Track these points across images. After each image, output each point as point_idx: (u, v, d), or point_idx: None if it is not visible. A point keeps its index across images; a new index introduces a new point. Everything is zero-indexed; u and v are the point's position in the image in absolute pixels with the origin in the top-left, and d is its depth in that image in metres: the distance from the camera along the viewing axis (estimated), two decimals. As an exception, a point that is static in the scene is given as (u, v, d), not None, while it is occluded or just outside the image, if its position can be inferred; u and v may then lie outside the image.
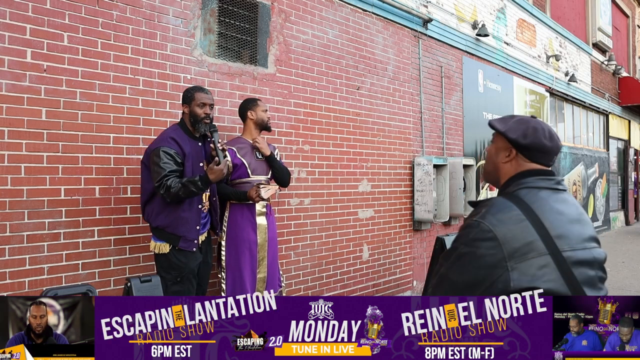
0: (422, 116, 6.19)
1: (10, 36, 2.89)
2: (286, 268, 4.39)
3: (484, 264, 1.36)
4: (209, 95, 3.15)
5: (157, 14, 3.56)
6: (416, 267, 6.04)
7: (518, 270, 1.34)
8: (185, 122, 3.15)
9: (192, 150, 3.10)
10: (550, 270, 1.35)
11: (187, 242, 3.06)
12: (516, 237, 1.36)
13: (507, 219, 1.38)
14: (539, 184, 1.48)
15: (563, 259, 1.37)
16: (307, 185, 4.66)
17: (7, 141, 2.88)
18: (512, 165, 1.53)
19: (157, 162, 2.92)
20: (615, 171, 14.45)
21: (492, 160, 1.59)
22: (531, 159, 1.51)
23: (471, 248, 1.39)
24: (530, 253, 1.35)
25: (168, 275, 3.04)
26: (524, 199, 1.43)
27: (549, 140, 1.50)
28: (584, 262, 1.41)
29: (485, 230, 1.38)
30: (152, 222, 3.07)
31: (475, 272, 1.38)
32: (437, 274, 1.49)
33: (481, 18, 7.48)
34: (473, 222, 1.42)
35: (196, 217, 3.12)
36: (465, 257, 1.40)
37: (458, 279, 1.41)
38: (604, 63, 13.15)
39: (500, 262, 1.35)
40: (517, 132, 1.51)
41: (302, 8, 4.65)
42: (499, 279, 1.35)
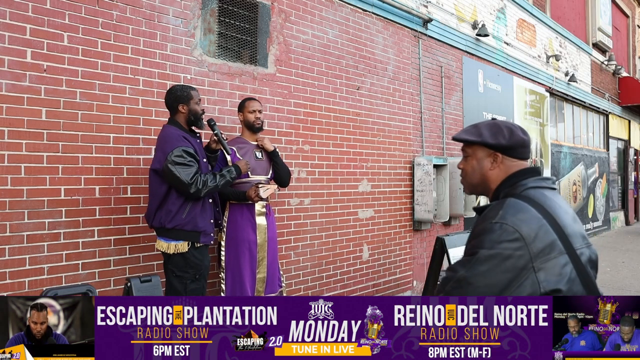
0: (422, 116, 6.19)
1: (10, 36, 2.89)
2: (286, 268, 4.39)
3: (512, 266, 1.32)
4: (198, 91, 3.25)
5: (157, 14, 3.56)
6: (416, 267, 6.04)
7: (544, 271, 1.32)
8: (180, 121, 3.10)
9: (198, 149, 3.12)
10: (570, 270, 1.35)
11: (206, 236, 3.11)
12: (539, 237, 1.34)
13: (528, 218, 1.36)
14: (540, 183, 1.48)
15: (578, 257, 1.37)
16: (307, 185, 4.66)
17: (7, 141, 2.88)
18: (501, 169, 1.52)
19: (182, 162, 2.89)
20: (615, 171, 14.45)
21: (476, 172, 1.56)
22: (516, 156, 1.52)
23: (496, 250, 1.34)
24: (553, 252, 1.34)
25: (186, 274, 3.03)
26: (534, 199, 1.42)
27: (523, 134, 1.53)
28: (590, 260, 1.43)
29: (509, 231, 1.34)
30: (167, 225, 3.00)
31: (502, 275, 1.33)
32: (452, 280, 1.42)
33: (481, 18, 7.48)
34: (493, 224, 1.37)
35: (210, 211, 3.17)
36: (490, 260, 1.34)
37: (481, 282, 1.36)
38: (604, 63, 13.15)
39: (528, 263, 1.32)
40: (497, 137, 1.51)
41: (302, 8, 4.65)
42: (526, 281, 1.33)
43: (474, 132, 1.55)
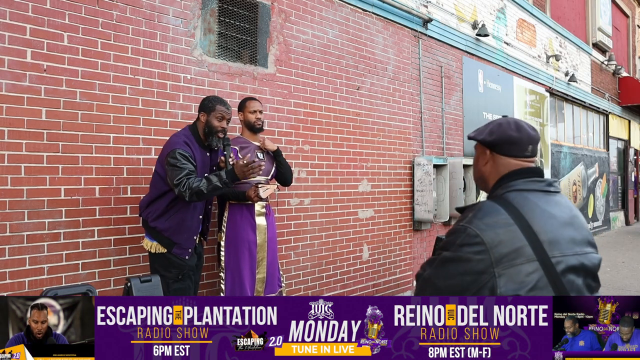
0: (422, 116, 6.19)
1: (10, 36, 2.89)
2: (286, 268, 4.39)
3: (471, 270, 1.33)
4: (229, 110, 3.14)
5: (157, 14, 3.56)
6: (416, 267, 6.04)
7: (506, 277, 1.31)
8: (199, 129, 3.12)
9: (201, 159, 3.09)
10: (539, 277, 1.32)
11: (181, 249, 3.08)
12: (504, 242, 1.32)
13: (495, 223, 1.34)
14: (529, 186, 1.44)
15: (552, 265, 1.33)
16: (307, 185, 4.66)
17: (7, 141, 2.88)
18: (493, 166, 1.52)
19: (174, 163, 2.89)
20: (615, 171, 14.45)
21: (475, 168, 1.61)
22: (503, 153, 1.50)
23: (457, 253, 1.35)
24: (519, 259, 1.31)
25: (169, 274, 3.04)
26: (512, 202, 1.39)
27: (515, 131, 1.49)
28: (573, 268, 1.37)
29: (472, 235, 1.34)
30: (150, 222, 3.06)
31: (461, 278, 1.34)
32: (420, 278, 1.45)
33: (481, 18, 7.48)
34: (460, 227, 1.39)
35: (196, 227, 3.14)
36: (451, 263, 1.36)
37: (442, 284, 1.38)
38: (604, 63, 13.15)
39: (488, 268, 1.31)
40: (484, 133, 1.53)
41: (302, 8, 4.65)
42: (486, 285, 1.32)
43: (477, 130, 1.58)
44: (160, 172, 3.02)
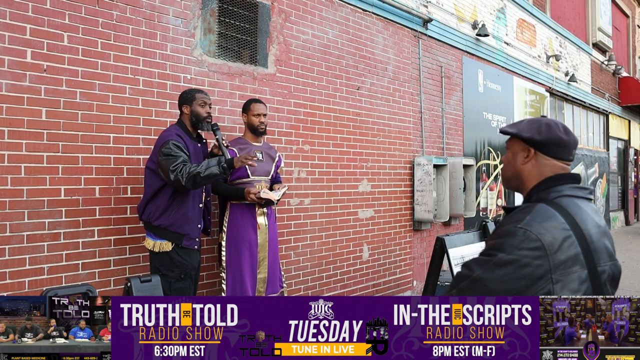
0: (422, 116, 6.19)
1: (10, 36, 2.89)
2: (286, 268, 4.39)
3: (528, 274, 1.29)
4: (207, 95, 3.23)
5: (157, 14, 3.56)
6: (416, 267, 6.04)
7: (562, 283, 1.29)
8: (185, 122, 3.17)
9: (194, 150, 3.13)
10: (588, 286, 1.31)
11: (190, 240, 3.10)
12: (563, 249, 1.29)
13: (553, 227, 1.31)
14: (577, 192, 1.41)
15: (598, 274, 1.32)
16: (307, 185, 4.66)
17: (7, 141, 2.88)
18: (534, 165, 1.47)
19: (169, 152, 2.92)
20: (615, 171, 14.45)
21: (511, 165, 1.52)
22: (550, 154, 1.45)
23: (515, 256, 1.30)
24: (575, 266, 1.29)
25: (171, 273, 3.05)
26: (566, 208, 1.36)
27: (564, 133, 1.45)
28: (611, 278, 1.38)
29: (532, 239, 1.29)
30: (153, 221, 3.06)
31: (518, 283, 1.30)
32: (467, 278, 1.39)
33: (481, 18, 7.48)
34: (517, 229, 1.33)
35: (198, 215, 3.18)
36: (508, 266, 1.31)
37: (496, 287, 1.33)
38: (604, 63, 13.15)
39: (546, 274, 1.28)
40: (531, 131, 1.46)
41: (302, 8, 4.65)
42: (541, 291, 1.30)
43: (515, 125, 1.52)
44: (152, 167, 3.04)
